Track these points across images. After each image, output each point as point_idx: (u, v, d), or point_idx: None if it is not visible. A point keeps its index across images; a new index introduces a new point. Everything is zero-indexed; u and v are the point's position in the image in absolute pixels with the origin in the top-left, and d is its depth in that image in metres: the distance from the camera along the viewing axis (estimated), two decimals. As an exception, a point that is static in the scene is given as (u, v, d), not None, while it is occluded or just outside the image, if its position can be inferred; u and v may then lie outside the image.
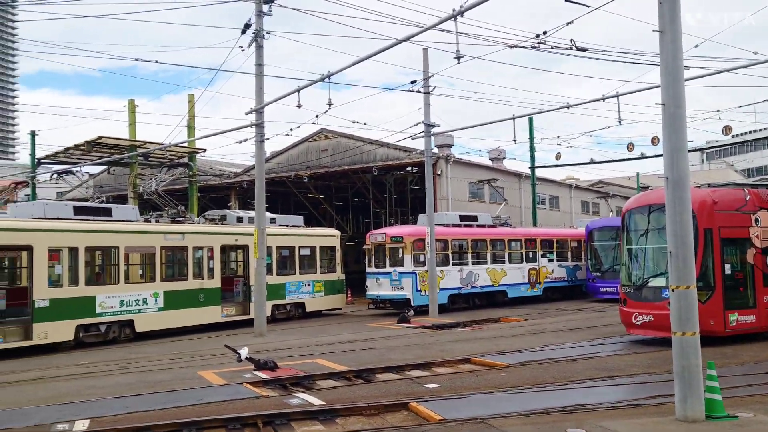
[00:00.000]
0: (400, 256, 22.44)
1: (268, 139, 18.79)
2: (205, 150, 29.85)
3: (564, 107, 19.43)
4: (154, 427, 7.75)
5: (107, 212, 17.81)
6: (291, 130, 21.31)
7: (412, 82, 17.95)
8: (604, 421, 7.48)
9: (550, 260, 27.23)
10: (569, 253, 28.20)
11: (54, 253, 15.78)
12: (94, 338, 16.43)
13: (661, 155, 7.83)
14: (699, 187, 14.37)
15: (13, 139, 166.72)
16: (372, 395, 9.52)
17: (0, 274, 15.40)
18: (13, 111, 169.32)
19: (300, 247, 22.73)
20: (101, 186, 40.73)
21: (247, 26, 17.37)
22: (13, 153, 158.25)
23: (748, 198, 13.60)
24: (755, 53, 14.46)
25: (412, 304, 21.94)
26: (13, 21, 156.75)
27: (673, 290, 7.59)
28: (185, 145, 26.91)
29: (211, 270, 19.59)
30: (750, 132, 59.67)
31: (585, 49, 11.75)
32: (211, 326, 19.41)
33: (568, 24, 9.99)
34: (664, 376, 9.58)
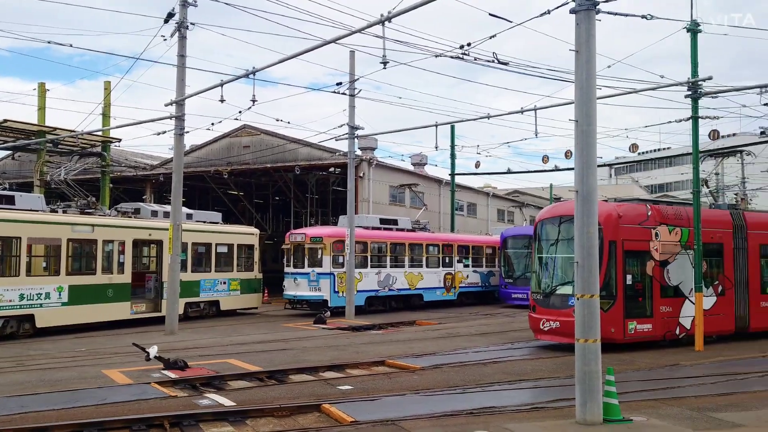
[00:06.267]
0: (319, 256, 22.38)
1: (188, 132, 18.31)
2: (120, 140, 28.65)
3: (484, 117, 19.99)
4: (52, 428, 7.40)
5: (9, 200, 16.83)
6: (213, 124, 20.79)
7: (338, 84, 17.96)
8: (509, 423, 7.76)
9: (466, 266, 27.82)
10: (484, 260, 28.89)
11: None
12: (-12, 333, 15.46)
13: (573, 168, 8.22)
14: (606, 200, 15.14)
15: None
16: (284, 396, 9.46)
17: None
18: None
19: (217, 245, 22.24)
20: (4, 172, 38.34)
21: (170, 15, 16.84)
22: None
23: (649, 213, 14.45)
24: (662, 77, 15.33)
25: (330, 305, 21.92)
26: None
27: (578, 299, 7.97)
28: (99, 133, 25.77)
29: (121, 265, 18.85)
30: (655, 150, 63.25)
31: (506, 63, 12.15)
32: (120, 323, 18.68)
33: (491, 37, 10.31)
34: (567, 380, 10.03)
